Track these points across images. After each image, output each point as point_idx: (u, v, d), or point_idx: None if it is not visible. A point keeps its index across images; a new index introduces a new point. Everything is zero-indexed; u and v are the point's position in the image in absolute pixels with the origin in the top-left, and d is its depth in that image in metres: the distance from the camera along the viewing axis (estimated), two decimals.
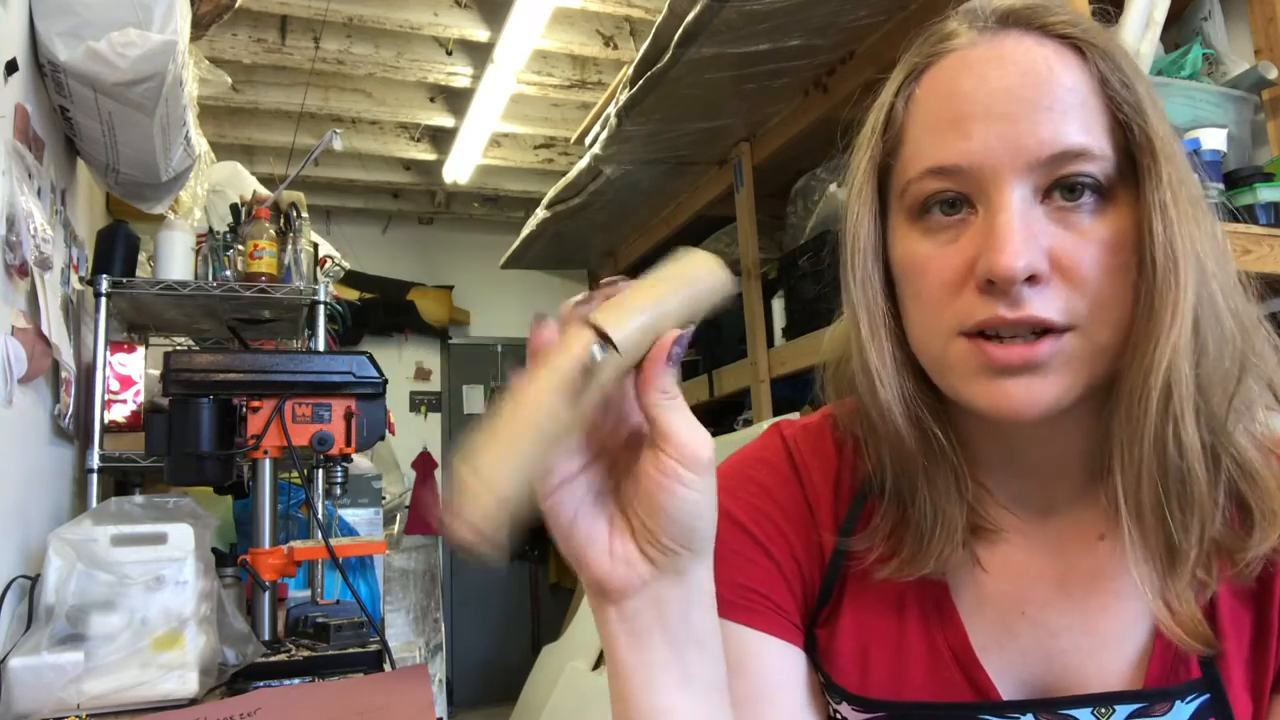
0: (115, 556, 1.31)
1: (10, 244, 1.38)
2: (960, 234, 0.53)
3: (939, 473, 0.56)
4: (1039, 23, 0.53)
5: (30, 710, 1.20)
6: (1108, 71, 0.52)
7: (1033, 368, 0.50)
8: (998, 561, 0.59)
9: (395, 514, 4.08)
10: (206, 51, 2.79)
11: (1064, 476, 0.58)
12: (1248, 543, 0.52)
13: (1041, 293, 0.50)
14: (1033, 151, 0.50)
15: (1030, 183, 0.51)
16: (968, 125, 0.52)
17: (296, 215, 2.17)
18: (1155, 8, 1.63)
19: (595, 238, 4.09)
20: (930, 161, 0.53)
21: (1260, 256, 1.57)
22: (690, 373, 3.73)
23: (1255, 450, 0.53)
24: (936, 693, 0.57)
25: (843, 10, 2.13)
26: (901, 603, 0.59)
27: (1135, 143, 0.52)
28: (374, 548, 1.82)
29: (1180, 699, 0.54)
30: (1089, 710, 0.55)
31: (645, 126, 2.77)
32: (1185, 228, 0.50)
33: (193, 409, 1.53)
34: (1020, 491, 0.59)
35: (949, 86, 0.54)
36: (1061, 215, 0.51)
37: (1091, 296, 0.50)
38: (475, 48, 3.58)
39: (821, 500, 0.62)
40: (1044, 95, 0.51)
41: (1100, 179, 0.51)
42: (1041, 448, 0.57)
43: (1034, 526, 0.59)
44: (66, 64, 1.54)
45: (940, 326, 0.53)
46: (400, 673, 1.45)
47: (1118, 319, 0.51)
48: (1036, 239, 0.50)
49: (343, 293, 4.24)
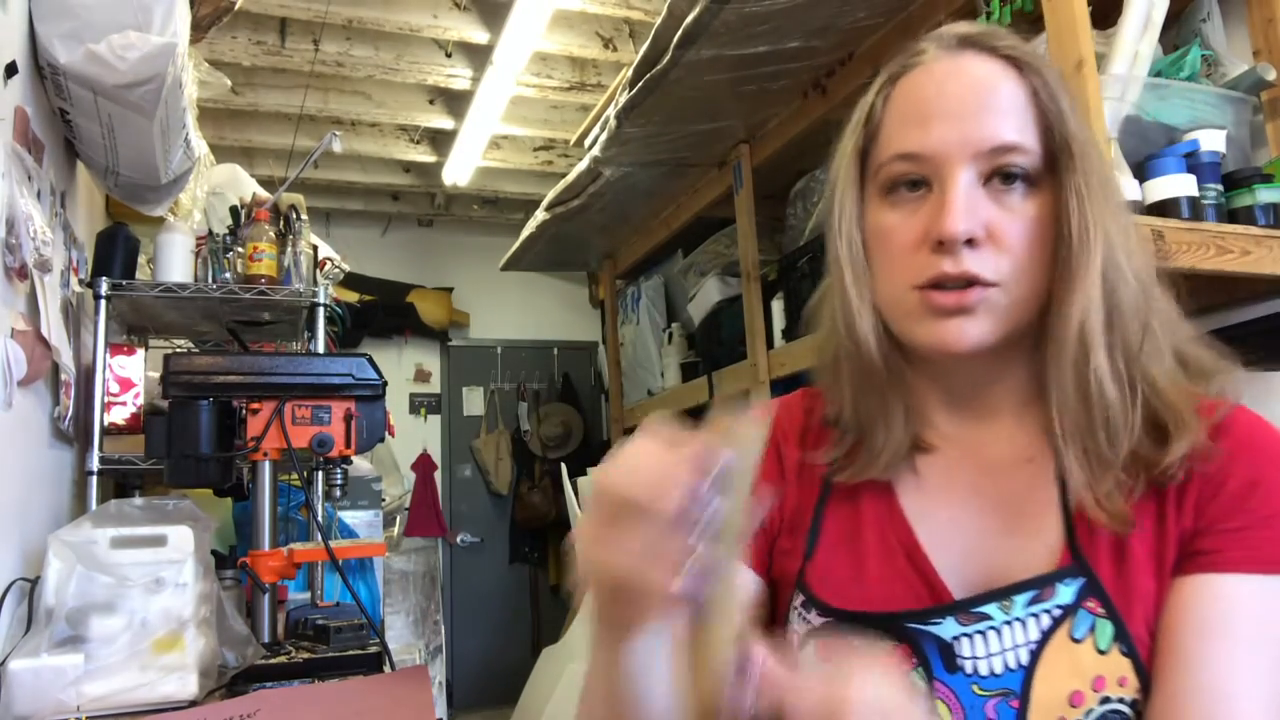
0: (115, 559, 1.31)
1: (10, 246, 1.38)
2: (919, 207, 0.67)
3: (893, 398, 0.71)
4: (989, 45, 0.68)
5: (30, 712, 1.19)
6: (1039, 86, 0.67)
7: (964, 310, 0.65)
8: (939, 478, 0.72)
9: (395, 516, 4.08)
10: (206, 54, 2.79)
11: (998, 410, 0.72)
12: (1164, 452, 0.64)
13: (978, 254, 0.65)
14: (977, 144, 0.65)
15: (975, 168, 0.65)
16: (929, 122, 0.67)
17: (296, 217, 2.17)
18: (1154, 9, 1.63)
19: (595, 240, 4.09)
20: (899, 149, 0.68)
21: (1259, 258, 1.57)
22: (690, 374, 3.73)
23: (1166, 380, 0.66)
24: (890, 590, 0.68)
25: (842, 12, 2.13)
26: (861, 520, 0.72)
27: (1057, 144, 0.66)
28: (374, 550, 1.82)
29: (1059, 581, 0.64)
30: (996, 605, 0.65)
31: (645, 128, 2.77)
32: (1096, 208, 0.64)
33: (192, 411, 1.53)
34: (961, 422, 0.73)
35: (916, 91, 0.69)
36: (998, 196, 0.66)
37: (1015, 260, 0.65)
38: (475, 50, 3.58)
39: (789, 442, 0.78)
40: (989, 100, 0.66)
41: (1029, 169, 0.66)
42: (980, 385, 0.72)
43: (971, 451, 0.72)
44: (66, 66, 1.54)
45: (901, 280, 0.67)
46: (400, 674, 1.45)
47: (1034, 279, 0.66)
48: (977, 212, 0.64)
49: (342, 295, 4.25)
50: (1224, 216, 1.61)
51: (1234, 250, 1.55)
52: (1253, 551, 0.62)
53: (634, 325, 4.26)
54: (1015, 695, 0.63)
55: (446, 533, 5.05)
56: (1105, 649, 0.62)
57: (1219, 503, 0.64)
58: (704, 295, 3.58)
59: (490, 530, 5.29)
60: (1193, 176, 1.57)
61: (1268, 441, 0.66)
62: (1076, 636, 0.63)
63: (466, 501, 5.28)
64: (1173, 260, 1.49)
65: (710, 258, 3.67)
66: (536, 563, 5.32)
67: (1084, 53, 1.48)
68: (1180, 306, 0.71)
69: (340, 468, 1.65)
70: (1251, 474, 0.64)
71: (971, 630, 0.65)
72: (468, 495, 5.29)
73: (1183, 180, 1.56)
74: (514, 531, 5.29)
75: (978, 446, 0.72)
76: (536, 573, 5.33)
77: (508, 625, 5.21)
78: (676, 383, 3.84)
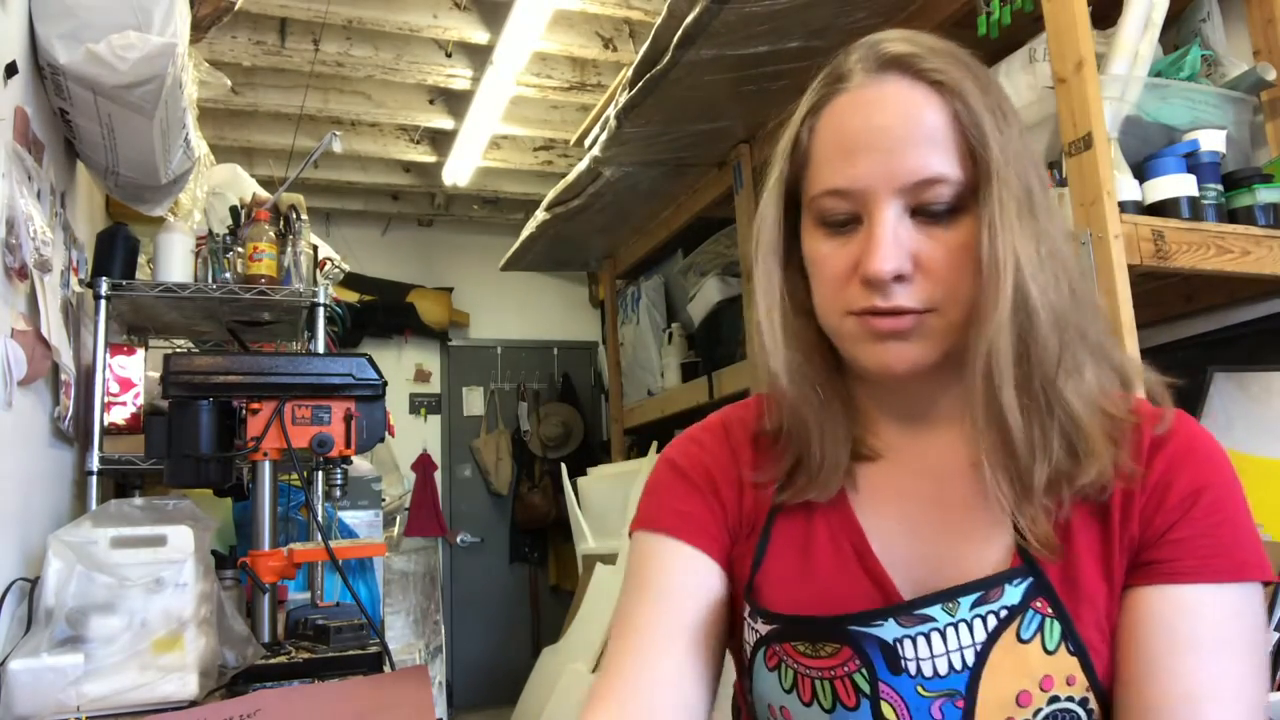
0: (115, 559, 1.31)
1: (10, 246, 1.38)
2: (851, 238, 0.68)
3: (827, 419, 0.73)
4: (915, 68, 0.67)
5: (30, 712, 1.19)
6: (961, 110, 0.66)
7: (901, 335, 0.66)
8: (890, 485, 0.74)
9: (395, 516, 4.08)
10: (206, 54, 2.79)
11: (944, 419, 0.73)
12: (1077, 474, 0.66)
13: (907, 287, 0.66)
14: (902, 178, 0.65)
15: (901, 201, 0.66)
16: (855, 156, 0.67)
17: (296, 217, 2.17)
18: (1154, 9, 1.63)
19: (595, 240, 4.09)
20: (828, 184, 0.68)
21: (1260, 258, 1.57)
22: (690, 374, 3.73)
23: (1082, 404, 0.66)
24: (840, 593, 0.70)
25: (841, 12, 2.13)
26: (813, 525, 0.74)
27: (979, 169, 0.66)
28: (374, 550, 1.82)
29: (1007, 582, 0.66)
30: (939, 606, 0.66)
31: (645, 128, 2.77)
32: (1008, 235, 0.64)
33: (192, 411, 1.53)
34: (907, 432, 0.75)
35: (842, 122, 0.69)
36: (923, 225, 0.67)
37: (945, 287, 0.66)
38: (475, 50, 3.58)
39: (742, 451, 0.79)
40: (913, 132, 0.66)
41: (952, 199, 0.66)
42: (924, 398, 0.73)
43: (918, 458, 0.74)
44: (66, 66, 1.54)
45: (836, 307, 0.69)
46: (400, 674, 1.45)
47: (966, 302, 0.66)
48: (903, 245, 0.65)
49: (342, 295, 4.25)
50: (1224, 216, 1.61)
51: (1234, 250, 1.55)
52: (1204, 561, 0.64)
53: (634, 325, 4.27)
54: (960, 695, 0.64)
55: (446, 533, 5.05)
56: (1053, 649, 0.64)
57: (1164, 512, 0.66)
58: (704, 295, 3.58)
59: (490, 530, 5.29)
60: (1193, 176, 1.57)
61: (1209, 449, 0.68)
62: (1024, 637, 0.64)
63: (466, 501, 5.28)
64: (1173, 260, 1.49)
65: (710, 258, 3.67)
66: (536, 563, 5.32)
67: (1084, 53, 1.48)
68: (1179, 307, 0.73)
69: (340, 468, 1.64)
70: (1195, 482, 0.66)
71: (914, 632, 0.66)
72: (468, 495, 5.29)
73: (1183, 180, 1.56)
74: (514, 531, 5.30)
75: (925, 454, 0.74)
76: (536, 573, 5.33)
77: (508, 625, 5.21)
78: (676, 383, 3.84)
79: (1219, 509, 0.65)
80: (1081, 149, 1.46)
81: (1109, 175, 1.45)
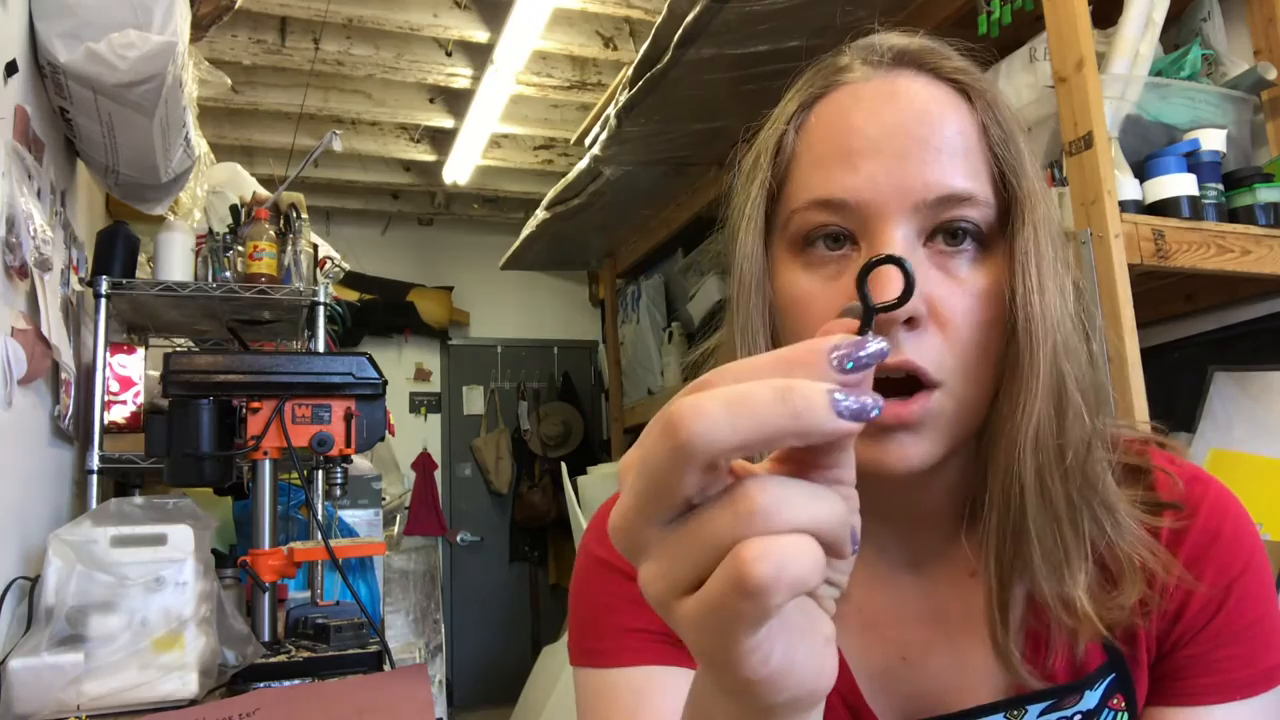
0: (115, 557, 1.31)
1: (10, 245, 1.38)
2: (843, 270, 0.52)
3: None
4: (932, 65, 0.54)
5: (30, 711, 1.19)
6: (989, 121, 0.52)
7: (906, 427, 0.50)
8: (875, 610, 0.59)
9: (395, 515, 4.07)
10: (206, 53, 2.79)
11: (935, 523, 0.58)
12: (1114, 602, 0.53)
13: (919, 338, 0.49)
14: (919, 192, 0.50)
15: (915, 224, 0.50)
16: (857, 160, 0.51)
17: (296, 216, 2.17)
18: (1155, 8, 1.63)
19: (595, 239, 4.09)
20: (817, 193, 0.52)
21: (1260, 257, 1.57)
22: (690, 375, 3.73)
23: (1121, 502, 0.53)
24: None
25: (842, 12, 2.13)
26: None
27: (1010, 195, 0.52)
28: (374, 549, 1.82)
29: (1089, 688, 0.55)
30: (1001, 715, 0.56)
31: (645, 127, 2.77)
32: (1047, 281, 0.50)
33: (192, 410, 1.53)
34: (892, 540, 0.59)
35: (840, 119, 0.53)
36: (942, 260, 0.51)
37: (961, 351, 0.50)
38: (475, 49, 3.58)
39: None
40: (934, 135, 0.51)
41: (982, 226, 0.51)
42: (913, 499, 0.57)
43: (907, 572, 0.59)
44: (66, 65, 1.54)
45: None
46: (400, 672, 1.45)
47: (984, 374, 0.51)
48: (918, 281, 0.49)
49: (342, 294, 4.24)
50: (1224, 216, 1.61)
51: (1234, 250, 1.55)
52: (1231, 677, 0.56)
53: (634, 324, 4.27)
54: None
55: (446, 532, 5.05)
56: None
57: (1185, 622, 0.56)
58: (704, 294, 3.58)
59: (490, 529, 5.29)
60: (1193, 176, 1.57)
61: (1235, 528, 0.57)
62: None
63: (466, 500, 5.28)
64: (1173, 260, 1.49)
65: (710, 257, 3.67)
66: (536, 562, 5.32)
67: (1084, 52, 1.48)
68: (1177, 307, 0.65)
69: (340, 467, 1.64)
70: (1219, 578, 0.56)
71: None
72: (468, 494, 5.29)
73: (1183, 180, 1.56)
74: (514, 531, 5.30)
75: (915, 563, 0.60)
76: (536, 572, 5.33)
77: (508, 624, 5.21)
78: (676, 382, 3.84)
79: (1245, 610, 0.56)
80: (1082, 148, 1.46)
81: (1109, 174, 1.45)
